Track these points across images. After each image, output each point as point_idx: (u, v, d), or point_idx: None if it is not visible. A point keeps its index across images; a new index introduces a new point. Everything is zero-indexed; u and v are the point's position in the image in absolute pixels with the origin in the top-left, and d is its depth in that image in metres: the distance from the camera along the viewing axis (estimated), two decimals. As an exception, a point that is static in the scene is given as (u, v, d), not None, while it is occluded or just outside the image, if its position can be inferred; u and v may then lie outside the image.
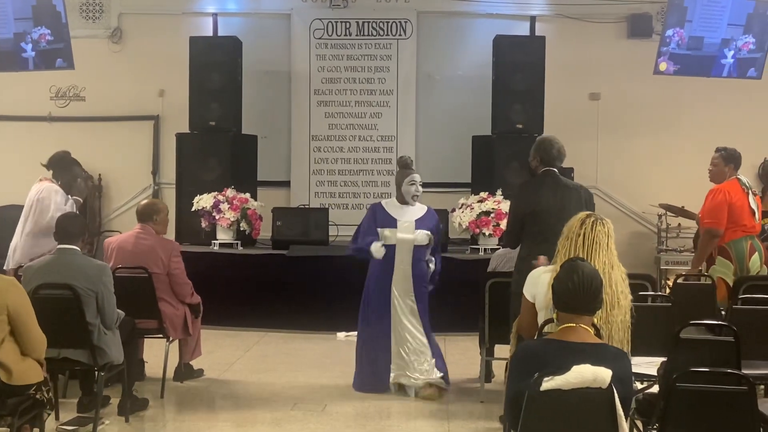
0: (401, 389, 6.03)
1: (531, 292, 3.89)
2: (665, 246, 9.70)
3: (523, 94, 9.09)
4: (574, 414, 2.88)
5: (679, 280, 6.29)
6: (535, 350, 3.06)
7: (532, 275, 3.93)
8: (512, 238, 5.33)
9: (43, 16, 8.78)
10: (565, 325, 3.08)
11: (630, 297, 3.85)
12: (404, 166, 6.20)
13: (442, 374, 6.03)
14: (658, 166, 10.22)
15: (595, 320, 3.29)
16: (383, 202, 6.23)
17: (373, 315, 6.03)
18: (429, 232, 6.02)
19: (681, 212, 9.35)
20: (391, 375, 5.98)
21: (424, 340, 6.02)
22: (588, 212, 3.96)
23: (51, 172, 6.63)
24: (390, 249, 5.97)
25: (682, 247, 9.55)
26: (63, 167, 6.56)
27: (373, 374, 6.02)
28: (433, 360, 6.02)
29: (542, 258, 4.57)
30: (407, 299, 6.00)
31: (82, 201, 6.88)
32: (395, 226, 5.99)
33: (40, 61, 8.96)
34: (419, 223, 6.03)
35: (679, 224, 9.74)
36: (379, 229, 6.01)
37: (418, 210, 6.12)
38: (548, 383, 2.84)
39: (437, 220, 6.25)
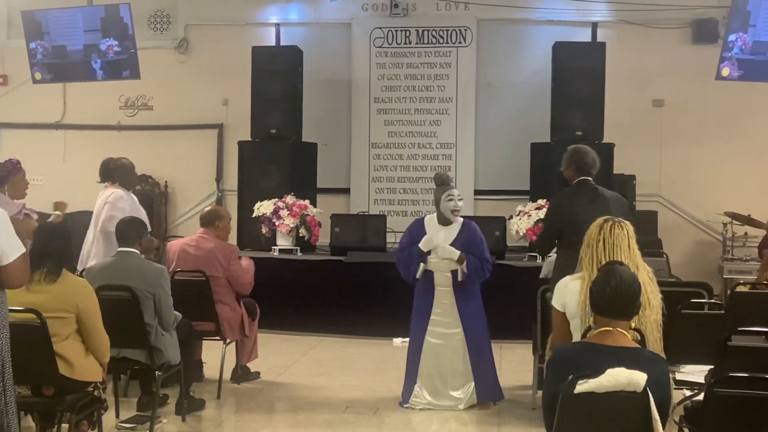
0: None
1: (560, 301, 3.88)
2: (731, 255, 9.49)
3: (582, 101, 9.02)
4: (608, 417, 2.87)
5: (738, 289, 6.15)
6: (570, 353, 3.06)
7: (560, 285, 3.93)
8: (545, 247, 5.34)
9: (111, 28, 9.11)
10: (602, 328, 3.08)
11: (660, 296, 3.81)
12: (441, 183, 5.87)
13: (478, 402, 5.84)
14: (723, 173, 10.04)
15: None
16: (426, 218, 5.93)
17: (415, 330, 5.92)
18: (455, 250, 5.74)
19: (747, 221, 9.15)
20: (424, 395, 5.80)
21: (467, 368, 5.84)
22: (605, 217, 3.96)
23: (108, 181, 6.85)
24: (428, 276, 5.80)
25: (747, 257, 9.34)
26: (112, 170, 6.75)
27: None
28: (471, 385, 5.84)
29: None
30: (451, 325, 5.83)
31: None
32: (430, 253, 5.77)
33: (107, 72, 9.28)
34: (456, 244, 5.75)
35: (746, 233, 9.53)
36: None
37: (454, 228, 5.82)
38: (582, 386, 2.84)
39: (473, 229, 5.84)
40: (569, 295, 3.80)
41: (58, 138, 11.14)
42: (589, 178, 5.34)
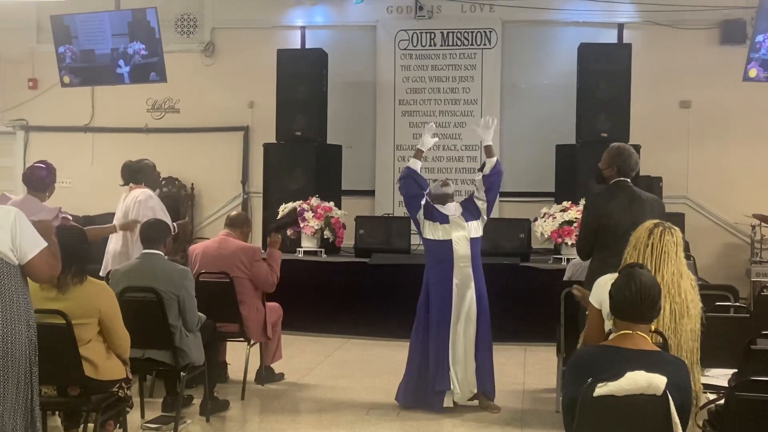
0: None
1: (598, 299, 3.83)
2: (759, 257, 9.39)
3: (608, 103, 8.98)
4: (627, 420, 2.86)
5: (765, 292, 6.07)
6: (589, 356, 3.05)
7: (599, 282, 3.87)
8: (585, 249, 5.27)
9: (139, 32, 9.20)
10: (622, 331, 3.07)
11: (700, 305, 3.77)
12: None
13: (478, 390, 5.83)
14: (752, 175, 9.93)
15: (662, 328, 3.24)
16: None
17: (432, 323, 5.87)
18: (478, 220, 5.89)
19: (776, 223, 9.06)
20: (456, 393, 5.78)
21: (472, 352, 5.83)
22: (656, 221, 3.89)
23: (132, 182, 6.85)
24: (446, 246, 5.79)
25: (776, 259, 9.24)
26: (136, 172, 6.77)
27: (422, 388, 5.84)
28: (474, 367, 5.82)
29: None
30: (469, 304, 5.80)
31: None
32: (448, 222, 5.81)
33: (134, 75, 9.37)
34: (465, 214, 5.87)
35: (774, 235, 9.43)
36: (434, 223, 5.84)
37: (457, 205, 5.96)
38: (601, 389, 2.83)
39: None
40: (607, 294, 3.75)
41: (87, 141, 11.27)
42: (627, 180, 5.29)
